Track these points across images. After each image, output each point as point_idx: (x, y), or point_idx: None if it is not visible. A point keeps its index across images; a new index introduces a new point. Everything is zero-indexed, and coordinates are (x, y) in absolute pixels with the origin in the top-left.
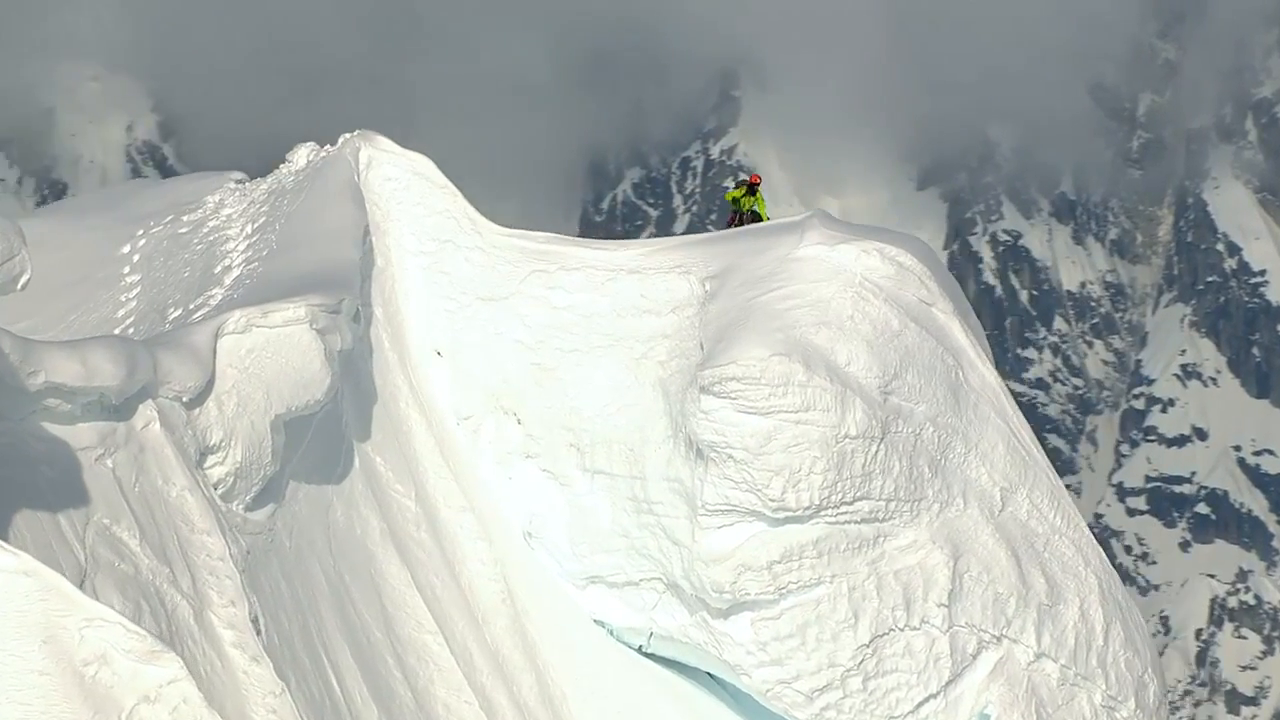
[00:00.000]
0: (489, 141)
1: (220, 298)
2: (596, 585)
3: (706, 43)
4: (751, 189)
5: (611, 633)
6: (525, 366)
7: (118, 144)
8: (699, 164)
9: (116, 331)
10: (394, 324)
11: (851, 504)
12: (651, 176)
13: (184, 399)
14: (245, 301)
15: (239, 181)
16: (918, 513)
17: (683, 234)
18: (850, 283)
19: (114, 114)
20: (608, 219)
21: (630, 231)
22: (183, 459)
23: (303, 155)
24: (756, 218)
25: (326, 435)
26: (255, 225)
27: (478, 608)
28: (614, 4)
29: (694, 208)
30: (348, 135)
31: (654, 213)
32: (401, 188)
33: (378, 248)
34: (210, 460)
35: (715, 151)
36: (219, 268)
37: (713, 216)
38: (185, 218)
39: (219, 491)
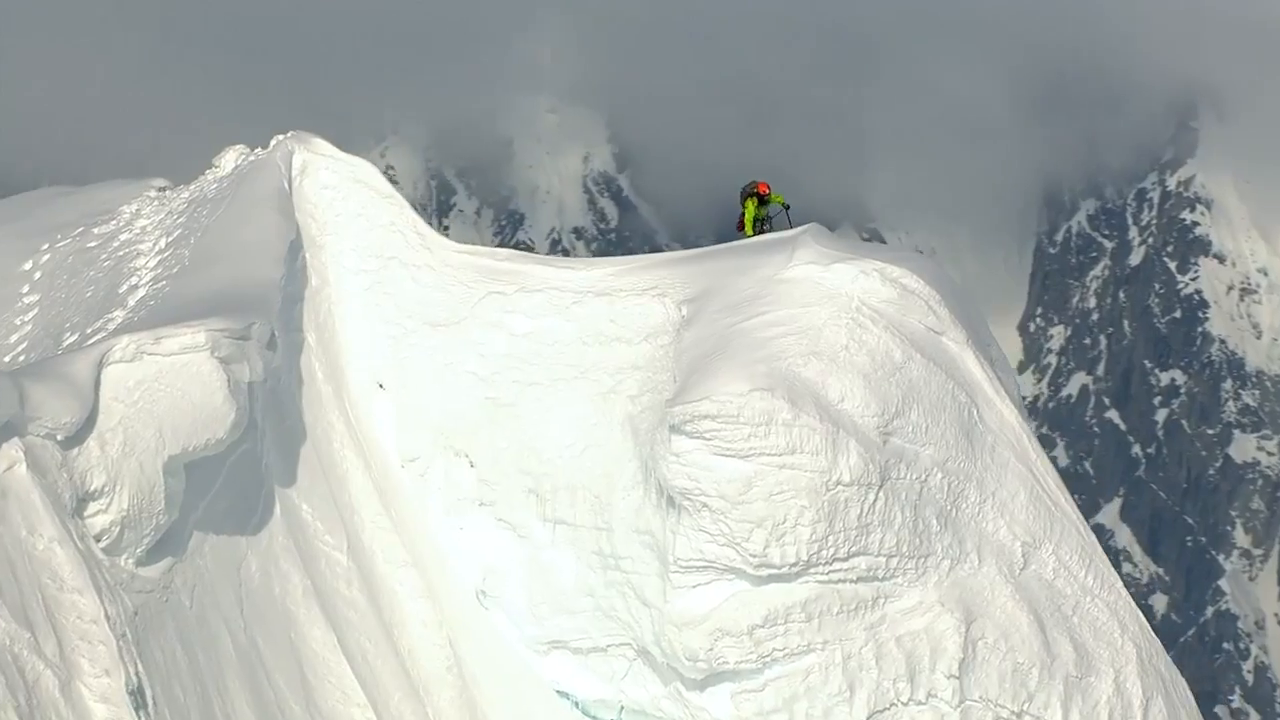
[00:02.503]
0: (942, 172)
1: (120, 321)
2: (559, 651)
3: (1164, 73)
4: (762, 200)
5: (576, 705)
6: (479, 401)
7: (574, 175)
8: (1155, 195)
9: (7, 359)
10: (329, 352)
11: (846, 560)
12: (1107, 208)
13: (58, 437)
14: (141, 325)
15: (160, 189)
16: (924, 571)
17: (1135, 266)
18: (845, 307)
19: (571, 145)
20: (1062, 250)
21: (1084, 265)
22: (53, 506)
23: (230, 159)
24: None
25: (241, 480)
26: (170, 239)
27: (419, 677)
28: (1071, 34)
29: (1149, 239)
30: (280, 136)
31: (1109, 244)
32: (340, 197)
33: (312, 265)
34: (91, 508)
35: (1172, 183)
36: (125, 287)
37: (1169, 249)
38: (96, 230)
39: (101, 544)
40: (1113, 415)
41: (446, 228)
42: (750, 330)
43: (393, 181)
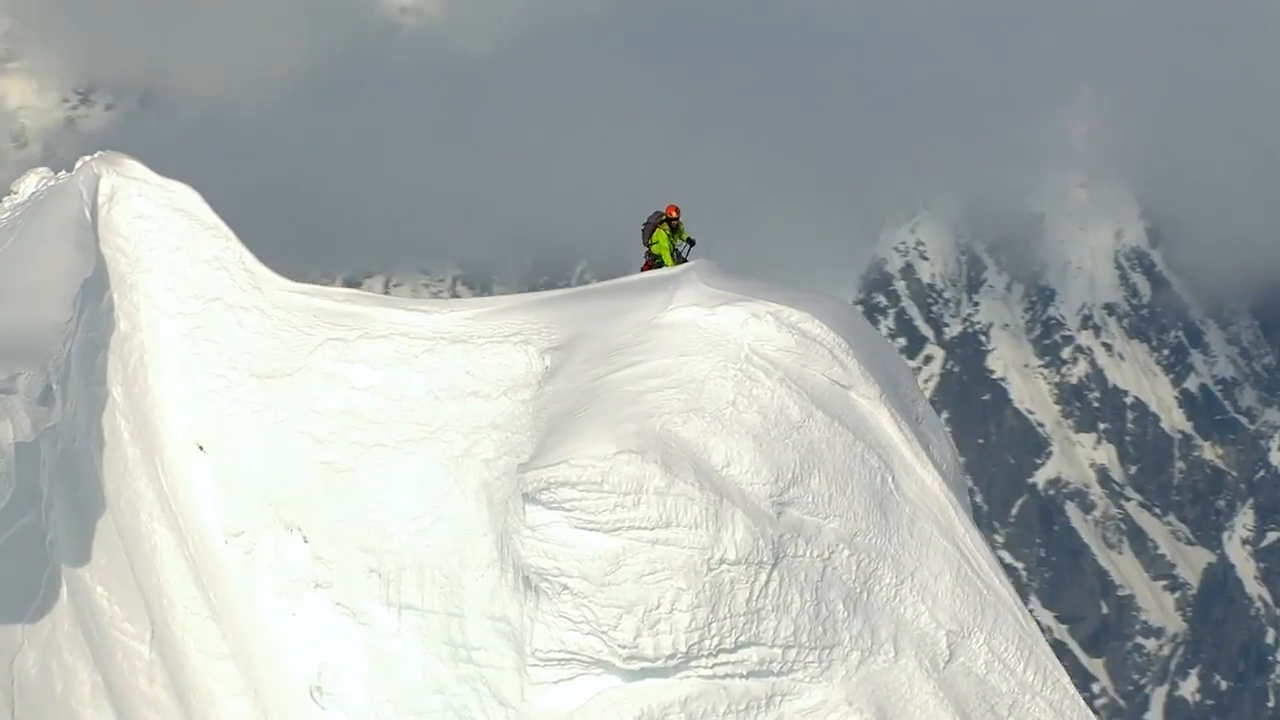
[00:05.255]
0: None
1: None
2: None
3: None
4: (674, 226)
5: None
6: (314, 466)
7: (1106, 250)
8: None
9: None
10: (138, 409)
11: (734, 652)
12: None
13: None
14: None
15: None
16: (829, 664)
17: None
18: (733, 357)
19: (1102, 220)
20: None
21: None
22: None
23: (31, 183)
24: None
25: (18, 558)
26: None
27: None
28: None
29: None
30: (87, 157)
31: None
32: (157, 228)
33: (121, 307)
34: None
35: None
36: None
37: None
38: None
39: None
40: None
41: (976, 303)
42: (620, 383)
43: (922, 257)
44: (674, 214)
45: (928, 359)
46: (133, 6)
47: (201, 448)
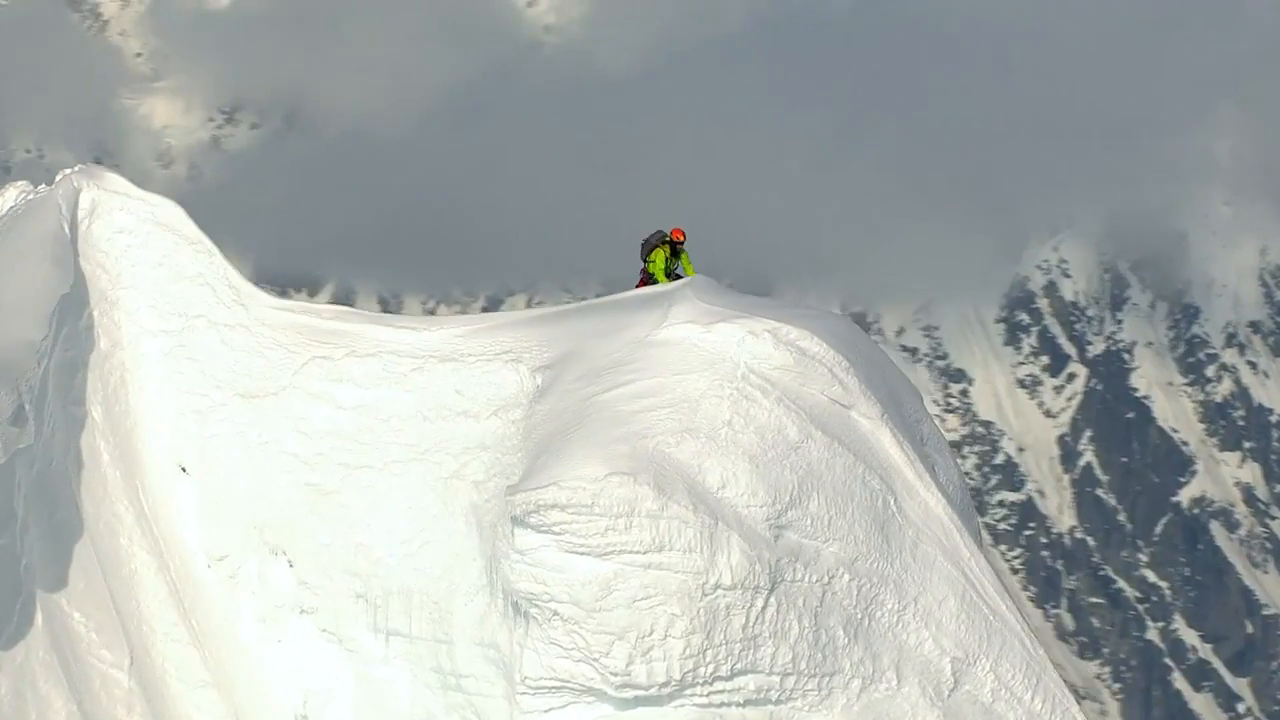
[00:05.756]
0: None
1: None
2: None
3: None
4: (675, 249)
5: None
6: (299, 488)
7: (1250, 267)
8: None
9: None
10: (119, 430)
11: (729, 679)
12: None
13: None
14: None
15: None
16: (828, 692)
17: None
18: (729, 376)
19: (1246, 238)
20: None
21: None
22: None
23: (9, 198)
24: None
25: None
26: None
27: None
28: None
29: None
30: (67, 171)
31: None
32: (138, 244)
33: (101, 325)
34: None
35: None
36: None
37: None
38: None
39: None
40: None
41: (1120, 321)
42: (612, 402)
43: (1065, 275)
44: (680, 238)
45: (1070, 377)
46: (278, 25)
47: (184, 469)
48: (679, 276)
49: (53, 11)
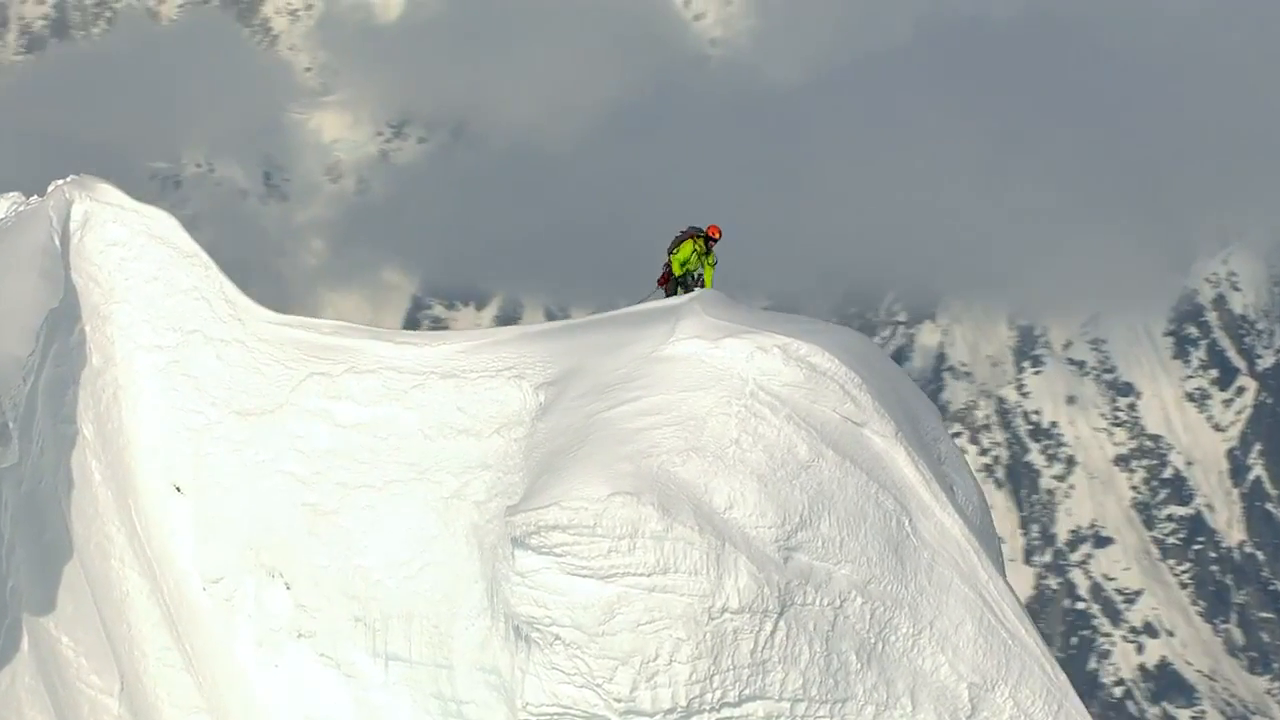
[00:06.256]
0: None
1: None
2: None
3: None
4: (709, 245)
5: None
6: (297, 509)
7: None
8: None
9: None
10: (111, 448)
11: (737, 705)
12: None
13: None
14: None
15: None
16: (841, 719)
17: None
18: (737, 392)
19: None
20: None
21: None
22: None
23: (1, 208)
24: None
25: None
26: None
27: None
28: None
29: None
30: (59, 181)
31: None
32: (132, 256)
33: (93, 340)
34: None
35: None
36: None
37: None
38: None
39: None
40: None
41: None
42: (616, 420)
43: (1234, 288)
44: (716, 235)
45: (1240, 390)
46: (445, 40)
47: (178, 489)
48: (695, 278)
49: (224, 27)
